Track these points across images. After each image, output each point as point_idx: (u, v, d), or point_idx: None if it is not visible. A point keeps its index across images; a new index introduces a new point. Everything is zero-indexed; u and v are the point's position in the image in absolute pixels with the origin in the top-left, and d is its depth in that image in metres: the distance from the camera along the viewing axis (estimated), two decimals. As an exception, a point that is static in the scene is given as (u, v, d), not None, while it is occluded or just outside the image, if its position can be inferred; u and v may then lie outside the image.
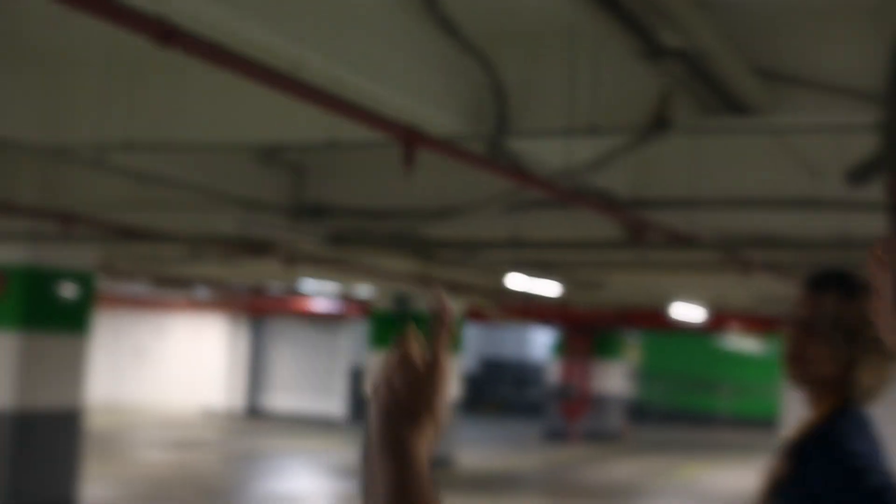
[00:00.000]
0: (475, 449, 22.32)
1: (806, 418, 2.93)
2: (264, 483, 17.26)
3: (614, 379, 27.33)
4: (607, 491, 17.82)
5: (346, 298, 24.59)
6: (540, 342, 35.95)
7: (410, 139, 5.73)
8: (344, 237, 10.96)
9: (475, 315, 23.44)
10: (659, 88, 6.29)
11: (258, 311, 29.07)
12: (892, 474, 2.72)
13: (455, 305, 20.05)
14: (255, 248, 12.24)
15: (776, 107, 6.20)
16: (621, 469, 20.79)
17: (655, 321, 23.21)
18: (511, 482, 18.88)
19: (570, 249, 11.83)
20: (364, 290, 20.92)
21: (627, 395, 29.00)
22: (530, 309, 22.39)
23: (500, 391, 36.55)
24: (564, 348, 27.16)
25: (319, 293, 24.03)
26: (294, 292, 24.61)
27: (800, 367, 2.89)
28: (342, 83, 5.26)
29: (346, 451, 21.53)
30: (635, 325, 24.86)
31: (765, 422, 27.96)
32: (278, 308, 27.83)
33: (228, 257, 13.38)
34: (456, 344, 20.10)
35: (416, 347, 1.32)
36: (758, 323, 21.28)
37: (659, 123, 6.37)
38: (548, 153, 7.40)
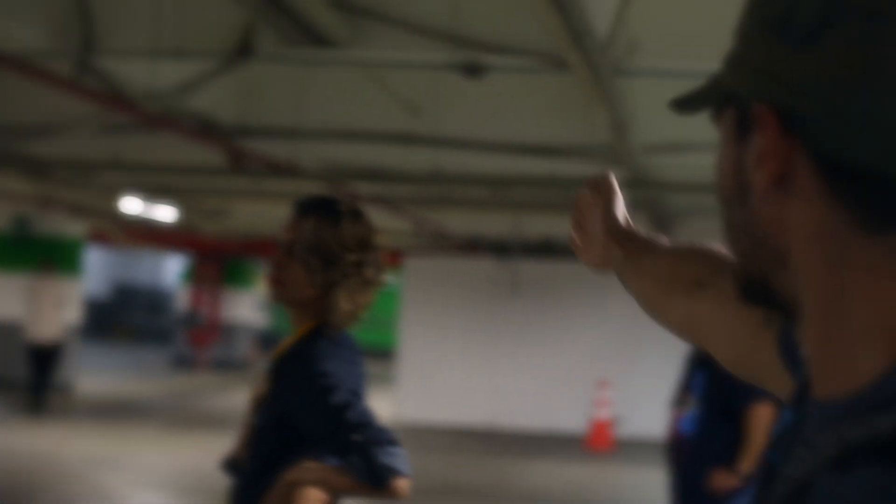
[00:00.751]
0: (99, 375, 21.84)
1: (287, 338, 3.05)
2: None
3: (244, 308, 27.37)
4: (226, 418, 17.89)
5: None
6: (173, 269, 35.46)
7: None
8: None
9: (102, 238, 22.82)
10: (244, 16, 6.31)
11: None
12: (359, 394, 2.87)
13: (77, 228, 19.45)
14: None
15: (358, 41, 6.34)
16: (244, 397, 20.88)
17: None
18: (132, 409, 18.61)
19: (177, 174, 11.69)
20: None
21: (258, 323, 29.09)
22: (155, 234, 22.01)
23: (133, 317, 35.85)
24: (193, 276, 26.93)
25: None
26: None
27: (280, 288, 3.00)
28: None
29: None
30: (263, 255, 24.93)
31: (390, 353, 28.78)
32: None
33: None
34: (76, 267, 19.51)
35: None
36: (384, 256, 21.79)
37: (242, 51, 6.39)
38: (137, 74, 7.28)
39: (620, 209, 1.75)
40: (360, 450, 2.71)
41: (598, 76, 4.62)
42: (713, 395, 5.30)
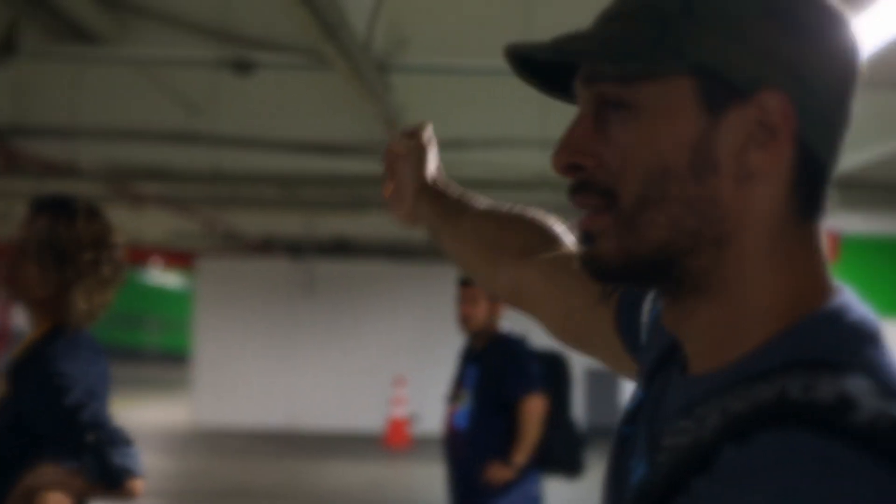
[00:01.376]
0: None
1: (26, 339, 2.97)
2: None
3: (34, 315, 26.52)
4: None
5: None
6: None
7: None
8: None
9: None
10: (6, 13, 6.11)
11: None
12: (97, 394, 2.82)
13: None
14: None
15: (127, 38, 6.22)
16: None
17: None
18: None
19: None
20: None
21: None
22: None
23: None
24: (-20, 283, 25.95)
25: None
26: None
27: (14, 288, 2.92)
28: None
29: None
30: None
31: (185, 357, 28.36)
32: None
33: None
34: None
35: None
36: (177, 257, 21.46)
37: (5, 48, 6.19)
38: None
39: (433, 164, 1.71)
40: (94, 450, 2.67)
41: (360, 72, 4.65)
42: (484, 389, 5.35)
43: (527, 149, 8.60)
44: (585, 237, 1.01)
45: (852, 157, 7.03)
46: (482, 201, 1.64)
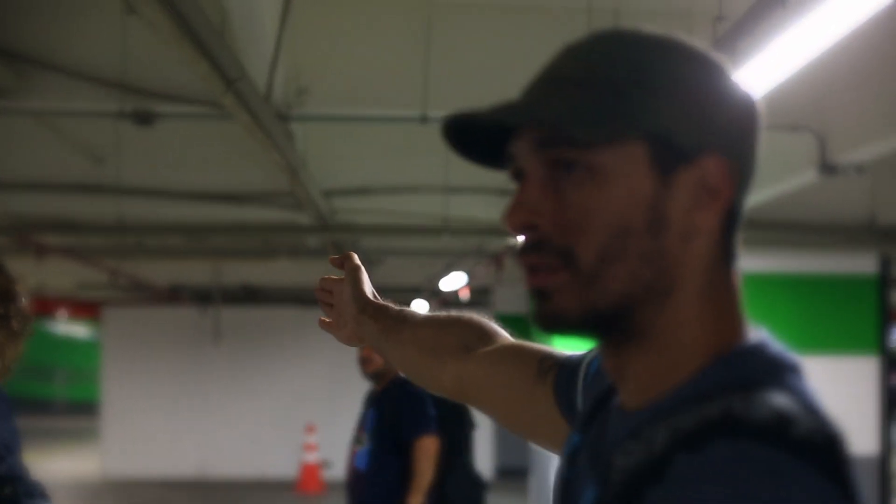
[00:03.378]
0: None
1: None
2: None
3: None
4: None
5: None
6: None
7: None
8: None
9: None
10: None
11: None
12: (10, 448, 2.82)
13: None
14: None
15: (27, 90, 6.22)
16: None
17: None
18: None
19: None
20: None
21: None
22: None
23: None
24: None
25: None
26: None
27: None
28: None
29: None
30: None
31: (94, 406, 27.96)
32: None
33: None
34: None
35: None
36: (84, 308, 21.22)
37: None
38: None
39: (367, 285, 1.83)
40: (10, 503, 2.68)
41: (261, 122, 4.73)
42: (382, 431, 5.44)
43: (431, 194, 8.72)
44: (540, 295, 1.07)
45: (751, 197, 7.22)
46: (418, 313, 1.75)
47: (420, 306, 18.19)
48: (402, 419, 5.42)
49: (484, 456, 15.05)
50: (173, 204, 9.29)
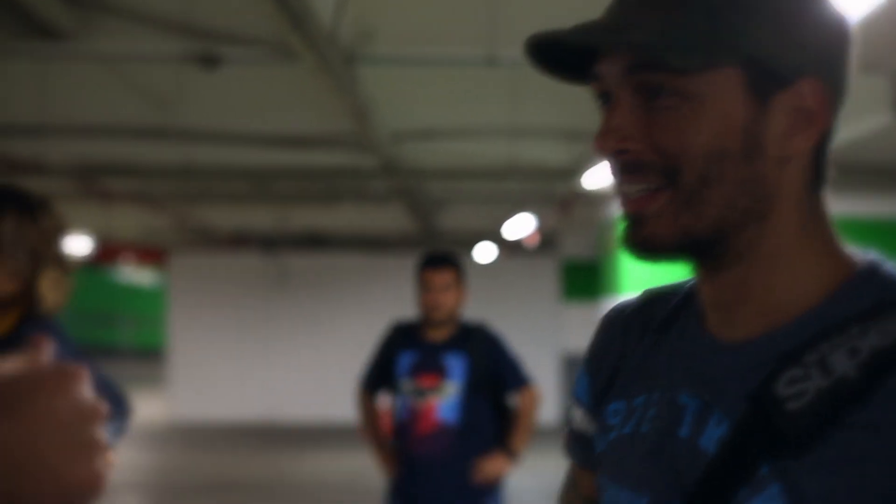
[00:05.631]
0: None
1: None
2: None
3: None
4: None
5: None
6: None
7: None
8: None
9: None
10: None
11: None
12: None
13: None
14: None
15: (89, 33, 6.17)
16: None
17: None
18: None
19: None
20: None
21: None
22: None
23: None
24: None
25: None
26: None
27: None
28: None
29: None
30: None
31: (159, 352, 28.34)
32: None
33: None
34: None
35: None
36: (149, 254, 21.38)
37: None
38: None
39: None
40: None
41: (327, 65, 4.63)
42: (479, 379, 5.21)
43: (496, 138, 8.60)
44: (635, 220, 1.08)
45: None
46: None
47: (487, 252, 18.14)
48: (504, 367, 5.24)
49: (550, 401, 14.97)
50: (238, 148, 9.24)
